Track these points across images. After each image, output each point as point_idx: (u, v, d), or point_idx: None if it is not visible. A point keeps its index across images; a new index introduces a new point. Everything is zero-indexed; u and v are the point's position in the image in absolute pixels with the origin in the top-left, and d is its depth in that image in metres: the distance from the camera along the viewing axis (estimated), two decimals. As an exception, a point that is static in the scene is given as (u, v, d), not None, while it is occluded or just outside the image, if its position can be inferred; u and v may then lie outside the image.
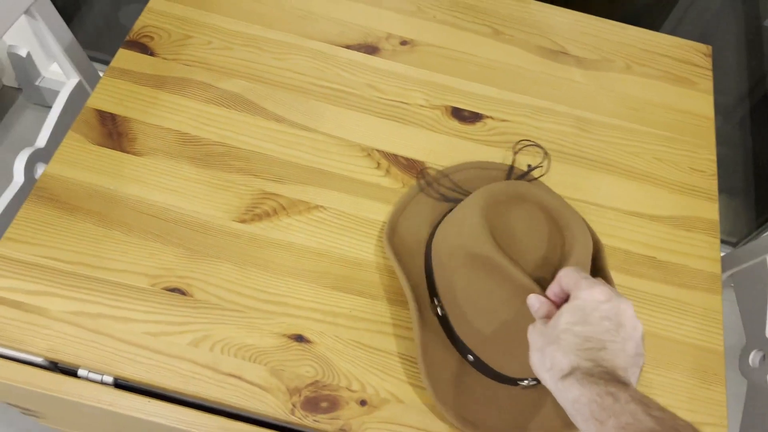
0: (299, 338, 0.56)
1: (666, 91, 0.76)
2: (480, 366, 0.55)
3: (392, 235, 0.60)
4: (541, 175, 0.67)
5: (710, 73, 0.78)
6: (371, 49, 0.73)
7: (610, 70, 0.77)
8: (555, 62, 0.76)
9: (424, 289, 0.58)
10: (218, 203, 0.61)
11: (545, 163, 0.68)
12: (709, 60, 0.79)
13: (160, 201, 0.61)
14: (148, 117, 0.65)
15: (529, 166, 0.67)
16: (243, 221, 0.60)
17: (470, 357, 0.54)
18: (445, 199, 0.64)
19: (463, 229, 0.53)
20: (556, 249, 0.52)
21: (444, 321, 0.56)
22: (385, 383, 0.55)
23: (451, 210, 0.60)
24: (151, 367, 0.53)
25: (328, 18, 0.76)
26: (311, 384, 0.54)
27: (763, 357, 0.68)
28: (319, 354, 0.55)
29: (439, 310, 0.56)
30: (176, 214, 0.60)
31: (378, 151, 0.66)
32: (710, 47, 0.80)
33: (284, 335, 0.56)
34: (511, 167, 0.67)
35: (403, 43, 0.75)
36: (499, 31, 0.78)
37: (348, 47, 0.73)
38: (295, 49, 0.72)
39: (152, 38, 0.71)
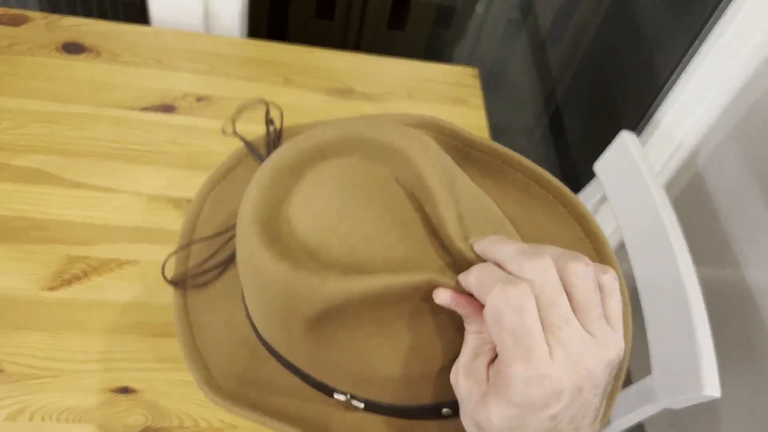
0: (125, 390, 0.56)
1: (445, 111, 0.86)
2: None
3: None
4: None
5: (479, 92, 0.89)
6: (168, 108, 0.77)
7: (394, 100, 0.86)
8: (345, 100, 0.84)
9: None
10: (23, 275, 0.60)
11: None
12: (477, 80, 0.91)
13: (-43, 284, 0.59)
14: (-64, 204, 0.64)
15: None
16: (52, 288, 0.60)
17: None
18: None
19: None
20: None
21: None
22: (217, 414, 0.56)
23: None
24: (-36, 452, 0.51)
25: (123, 86, 0.78)
26: (143, 430, 0.54)
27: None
28: (147, 400, 0.56)
29: None
30: (-22, 293, 0.59)
31: (187, 200, 0.69)
32: (477, 69, 0.92)
33: (108, 390, 0.56)
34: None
35: (200, 99, 0.79)
36: (290, 79, 0.84)
37: (145, 110, 0.76)
38: (92, 119, 0.74)
39: (-66, 127, 0.70)
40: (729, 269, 1.04)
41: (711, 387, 0.56)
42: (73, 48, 0.80)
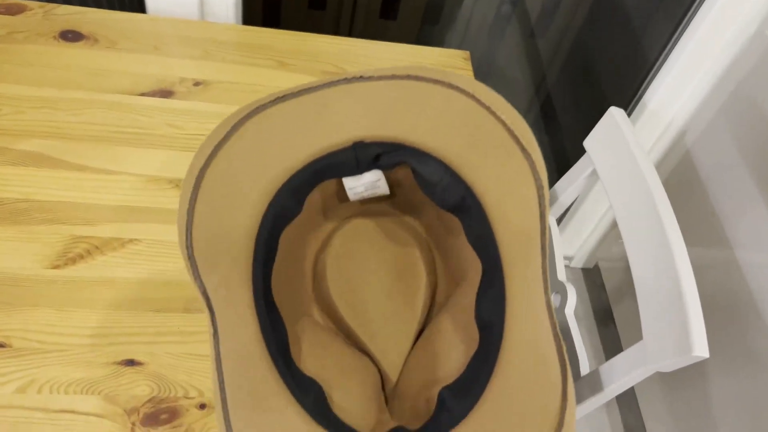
0: (130, 362, 0.57)
1: (438, 92, 0.88)
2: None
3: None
4: None
5: (471, 73, 0.91)
6: (166, 93, 0.78)
7: (388, 82, 0.87)
8: (339, 82, 0.85)
9: None
10: (27, 255, 0.62)
11: None
12: (469, 63, 0.93)
13: (-37, 263, 0.60)
14: (-60, 187, 0.65)
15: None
16: (56, 267, 0.61)
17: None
18: None
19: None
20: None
21: None
22: (221, 384, 0.57)
23: None
24: (-25, 423, 0.52)
25: (120, 72, 0.79)
26: (148, 401, 0.55)
27: (560, 297, 0.79)
28: (152, 372, 0.57)
29: None
30: (-16, 273, 0.60)
31: (185, 181, 0.70)
32: (468, 52, 0.94)
33: (114, 363, 0.57)
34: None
35: (197, 84, 0.80)
36: (283, 63, 0.86)
37: (143, 95, 0.77)
38: (90, 104, 0.75)
39: (-64, 113, 0.71)
40: (719, 248, 1.06)
41: (700, 348, 0.57)
42: (70, 36, 0.81)
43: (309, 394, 0.43)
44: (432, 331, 0.53)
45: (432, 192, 0.50)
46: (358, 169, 0.50)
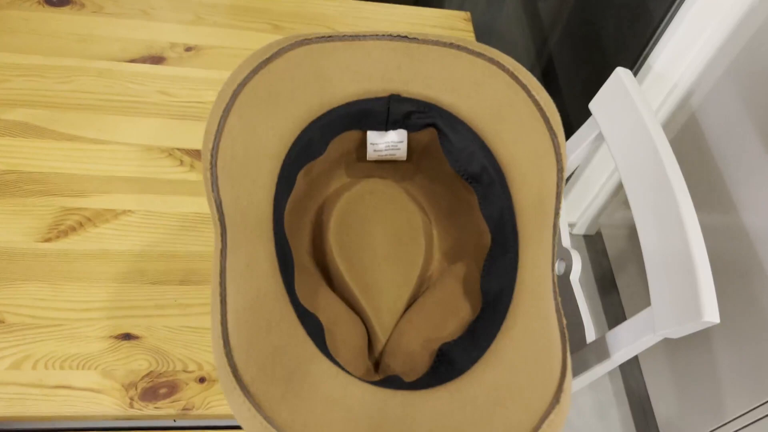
0: (127, 336, 0.56)
1: (438, 55, 0.85)
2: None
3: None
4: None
5: (472, 35, 0.88)
6: (157, 59, 0.75)
7: (386, 45, 0.84)
8: (336, 46, 0.83)
9: None
10: (17, 228, 0.60)
11: None
12: (470, 24, 0.90)
13: (-48, 238, 0.58)
14: (-75, 160, 0.63)
15: None
16: (48, 240, 0.60)
17: None
18: None
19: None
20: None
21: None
22: (220, 357, 0.56)
23: None
24: (-31, 400, 0.51)
25: (109, 38, 0.76)
26: (146, 375, 0.54)
27: (564, 264, 0.78)
28: (150, 346, 0.56)
29: None
30: (-27, 247, 0.58)
31: (179, 149, 0.68)
32: (469, 13, 0.91)
33: (111, 337, 0.56)
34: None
35: (188, 49, 0.77)
36: (278, 26, 0.83)
37: (133, 61, 0.75)
38: (79, 71, 0.73)
39: None
40: (725, 211, 1.04)
41: (710, 313, 0.56)
42: (55, 0, 0.78)
43: (313, 328, 0.43)
44: (428, 298, 0.54)
45: (455, 158, 0.51)
46: (386, 125, 0.52)
